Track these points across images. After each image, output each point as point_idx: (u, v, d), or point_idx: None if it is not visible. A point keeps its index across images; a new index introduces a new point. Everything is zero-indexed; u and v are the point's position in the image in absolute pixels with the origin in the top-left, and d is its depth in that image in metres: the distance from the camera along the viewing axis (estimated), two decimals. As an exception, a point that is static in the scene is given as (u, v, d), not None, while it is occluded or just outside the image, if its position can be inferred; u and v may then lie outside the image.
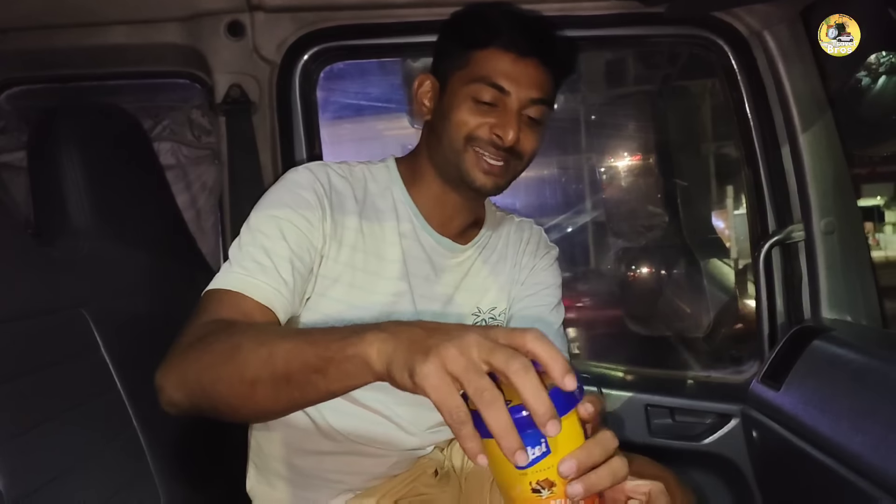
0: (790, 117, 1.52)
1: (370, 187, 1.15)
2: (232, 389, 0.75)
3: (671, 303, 2.30)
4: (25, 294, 0.97)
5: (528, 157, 1.13)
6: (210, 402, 0.79)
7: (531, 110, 1.09)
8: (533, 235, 1.32)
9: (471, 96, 1.08)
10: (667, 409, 1.65)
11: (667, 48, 2.06)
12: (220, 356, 0.76)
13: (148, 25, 1.61)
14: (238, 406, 0.76)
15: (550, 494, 0.59)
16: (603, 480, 0.60)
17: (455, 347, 0.58)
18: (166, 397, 0.84)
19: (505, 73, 1.07)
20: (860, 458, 1.08)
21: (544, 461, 0.59)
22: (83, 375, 1.01)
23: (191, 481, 1.16)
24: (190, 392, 0.81)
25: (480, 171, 1.09)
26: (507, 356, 0.58)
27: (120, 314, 1.12)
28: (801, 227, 1.56)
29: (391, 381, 0.63)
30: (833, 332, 1.41)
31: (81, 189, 1.24)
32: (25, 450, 0.84)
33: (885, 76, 1.54)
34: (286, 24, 1.61)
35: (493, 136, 1.07)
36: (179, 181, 1.74)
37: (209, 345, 0.79)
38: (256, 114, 1.63)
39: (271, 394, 0.72)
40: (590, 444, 0.61)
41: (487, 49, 1.08)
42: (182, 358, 0.82)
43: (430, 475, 1.20)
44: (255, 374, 0.72)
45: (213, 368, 0.77)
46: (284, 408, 0.75)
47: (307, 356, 0.68)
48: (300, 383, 0.69)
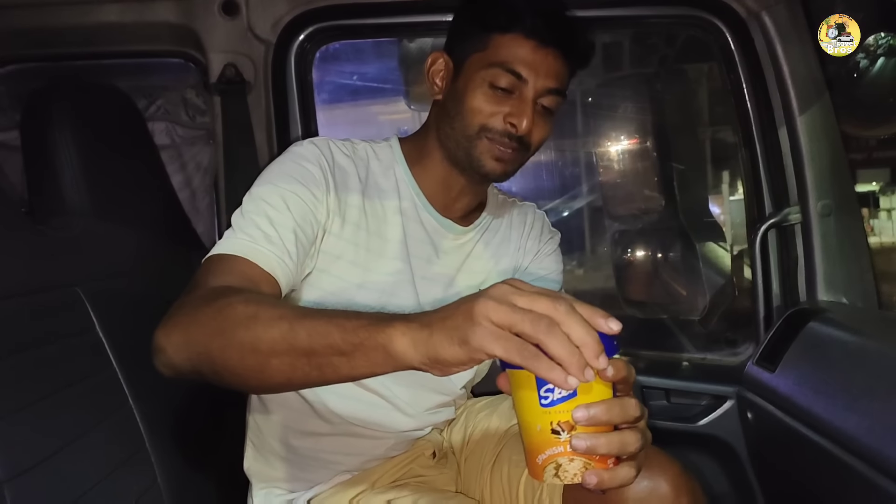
0: (788, 99, 1.51)
1: (373, 166, 1.14)
2: (243, 359, 0.73)
3: (667, 285, 2.30)
4: (20, 272, 0.96)
5: (536, 146, 1.12)
6: (214, 369, 0.76)
7: (546, 100, 1.08)
8: (536, 220, 1.32)
9: (487, 81, 1.06)
10: (662, 390, 1.65)
11: (664, 29, 2.05)
12: (235, 323, 0.74)
13: (142, 4, 1.59)
14: (246, 376, 0.74)
15: (567, 438, 0.61)
16: (609, 446, 0.61)
17: (490, 299, 0.60)
18: (165, 359, 0.80)
19: (524, 60, 1.05)
20: (855, 439, 1.08)
21: (568, 402, 0.61)
22: (78, 354, 1.00)
23: (187, 461, 1.16)
24: (194, 356, 0.78)
25: (492, 157, 1.08)
26: (550, 300, 0.59)
27: (115, 293, 1.11)
28: (797, 210, 1.56)
29: (435, 365, 0.63)
30: (828, 314, 1.42)
31: (75, 168, 1.23)
32: (20, 428, 0.84)
33: (883, 58, 1.53)
34: (281, 2, 1.59)
35: (507, 125, 1.06)
36: (174, 161, 1.73)
37: (221, 310, 0.76)
38: (251, 94, 1.62)
39: (286, 369, 0.71)
40: (611, 402, 0.62)
41: (508, 34, 1.06)
42: (190, 320, 0.79)
43: (428, 457, 1.20)
44: (272, 346, 0.70)
45: (225, 335, 0.74)
46: (296, 384, 0.73)
47: (333, 338, 0.67)
48: (320, 364, 0.69)
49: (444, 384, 1.19)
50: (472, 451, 1.23)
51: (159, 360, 0.81)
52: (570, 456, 0.62)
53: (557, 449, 0.61)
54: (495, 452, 1.18)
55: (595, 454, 0.62)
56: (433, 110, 1.17)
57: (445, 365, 0.63)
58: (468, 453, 1.23)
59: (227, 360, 0.74)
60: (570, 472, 0.62)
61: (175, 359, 0.80)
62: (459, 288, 1.18)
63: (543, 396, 0.61)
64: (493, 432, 1.22)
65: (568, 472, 0.62)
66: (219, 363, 0.75)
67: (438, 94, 1.14)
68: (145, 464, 1.05)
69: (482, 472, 1.18)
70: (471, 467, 1.21)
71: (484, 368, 1.24)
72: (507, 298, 0.60)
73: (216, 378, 0.77)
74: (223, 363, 0.75)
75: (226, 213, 1.65)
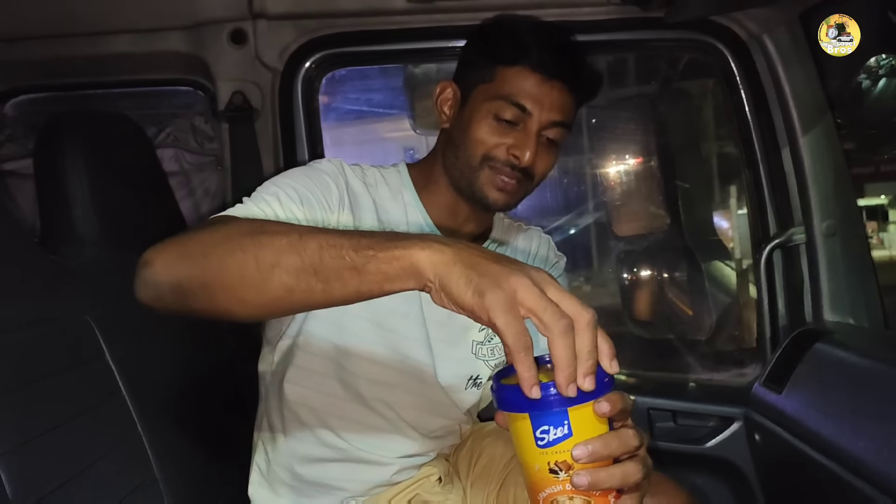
0: (790, 120, 1.53)
1: (381, 191, 1.15)
2: (244, 269, 0.68)
3: (673, 305, 2.30)
4: (30, 302, 0.98)
5: (540, 177, 1.12)
6: (205, 284, 0.71)
7: (551, 132, 1.09)
8: (542, 244, 1.32)
9: (492, 113, 1.07)
10: (669, 412, 1.65)
11: (666, 52, 2.07)
12: (240, 233, 0.70)
13: (151, 34, 1.63)
14: (243, 291, 0.69)
15: (566, 477, 0.61)
16: (612, 479, 0.61)
17: (528, 277, 0.59)
18: (150, 274, 0.75)
19: (530, 93, 1.06)
20: (863, 461, 1.08)
21: (564, 443, 0.60)
22: (88, 382, 1.01)
23: (195, 486, 1.17)
24: (185, 271, 0.72)
25: (494, 188, 1.09)
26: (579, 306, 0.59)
27: (124, 321, 1.12)
28: (802, 230, 1.56)
29: (440, 293, 0.61)
30: (835, 334, 1.42)
31: (86, 196, 1.24)
32: (31, 458, 0.84)
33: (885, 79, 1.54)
34: (288, 31, 1.62)
35: (510, 156, 1.07)
36: (183, 187, 1.75)
37: (225, 224, 0.73)
38: (259, 120, 1.64)
39: (290, 282, 0.66)
40: (608, 436, 0.61)
41: (515, 67, 1.07)
42: (189, 237, 0.75)
43: (434, 482, 1.20)
44: (277, 257, 0.66)
45: (228, 243, 0.70)
46: (298, 302, 0.68)
47: (345, 249, 0.64)
48: (328, 277, 0.65)
49: (450, 408, 1.19)
50: (478, 476, 1.23)
51: (143, 275, 0.76)
52: (569, 494, 0.61)
53: (557, 488, 0.61)
54: (501, 477, 1.18)
55: (597, 489, 0.61)
56: (440, 138, 1.18)
57: (450, 299, 0.61)
58: (474, 478, 1.23)
59: (223, 272, 0.69)
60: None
61: (161, 272, 0.74)
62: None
63: (539, 438, 0.60)
64: (500, 457, 1.22)
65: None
66: (212, 277, 0.70)
67: (446, 122, 1.15)
68: (154, 491, 1.06)
69: (488, 497, 1.18)
70: (477, 492, 1.21)
71: (489, 394, 1.25)
72: (543, 285, 0.59)
73: (203, 297, 0.72)
74: (218, 276, 0.70)
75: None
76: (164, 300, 0.76)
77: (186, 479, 1.14)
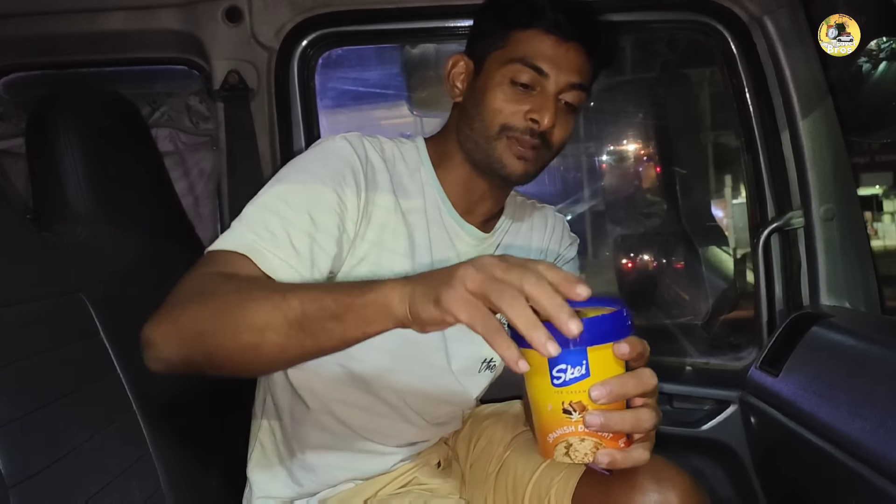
0: (790, 103, 1.52)
1: (399, 167, 1.11)
2: (237, 337, 0.72)
3: (670, 290, 2.30)
4: (24, 279, 0.97)
5: (558, 146, 1.09)
6: (207, 353, 0.75)
7: (569, 95, 1.05)
8: (557, 224, 1.29)
9: (508, 77, 1.04)
10: (665, 395, 1.65)
11: (666, 34, 2.05)
12: (227, 303, 0.74)
13: (145, 11, 1.60)
14: (241, 355, 0.73)
15: (579, 418, 0.60)
16: (624, 422, 0.61)
17: (472, 266, 0.61)
18: (155, 353, 0.78)
19: (546, 55, 1.03)
20: (859, 443, 1.08)
21: (581, 383, 0.60)
22: (82, 360, 1.01)
23: (191, 466, 1.17)
24: (185, 344, 0.76)
25: (513, 155, 1.05)
26: (521, 270, 0.59)
27: (118, 299, 1.11)
28: (800, 214, 1.56)
29: (415, 321, 0.64)
30: (832, 318, 1.42)
31: (80, 175, 1.23)
32: (25, 433, 0.84)
33: (885, 62, 1.53)
34: (284, 9, 1.60)
35: (528, 121, 1.03)
36: (177, 168, 1.74)
37: (212, 293, 0.76)
38: (254, 100, 1.63)
39: (281, 341, 0.70)
40: (626, 376, 0.61)
41: (529, 30, 1.04)
42: (180, 309, 0.78)
43: (433, 466, 1.20)
44: (266, 319, 0.70)
45: (218, 315, 0.74)
46: (293, 357, 0.73)
47: (325, 301, 0.68)
48: (314, 330, 0.69)
49: (459, 394, 1.16)
50: (476, 459, 1.22)
51: (149, 355, 0.79)
52: (581, 436, 0.61)
53: (569, 429, 0.61)
54: (501, 460, 1.17)
55: (609, 431, 0.61)
56: (453, 113, 1.14)
57: (422, 323, 0.63)
58: (473, 461, 1.23)
59: (220, 342, 0.73)
60: (581, 451, 0.62)
61: (166, 350, 0.78)
62: None
63: (556, 377, 0.60)
64: (499, 440, 1.21)
65: (579, 452, 0.62)
66: (212, 346, 0.74)
67: (459, 96, 1.11)
68: (149, 469, 1.05)
69: (487, 479, 1.18)
70: (475, 475, 1.21)
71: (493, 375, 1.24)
72: (487, 269, 0.60)
73: (209, 364, 0.76)
74: (217, 345, 0.74)
75: (229, 218, 1.65)
76: (177, 370, 0.80)
77: (181, 458, 1.13)
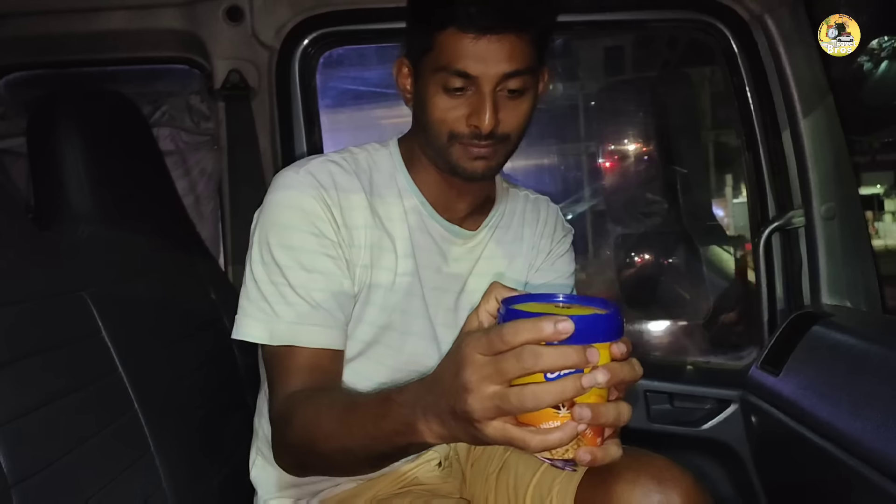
0: (791, 102, 1.52)
1: (374, 177, 1.08)
2: (332, 470, 1.01)
3: (671, 289, 2.30)
4: (25, 278, 0.97)
5: (517, 134, 1.03)
6: (324, 472, 1.05)
7: (509, 83, 0.98)
8: (550, 216, 1.26)
9: (440, 85, 0.98)
10: (666, 394, 1.65)
11: (667, 33, 2.06)
12: (316, 457, 0.90)
13: (146, 11, 1.61)
14: (346, 470, 0.99)
15: (567, 413, 0.60)
16: (608, 415, 0.61)
17: (475, 400, 0.61)
18: (289, 470, 0.99)
19: (467, 55, 0.95)
20: (859, 442, 1.08)
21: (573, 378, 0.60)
22: (84, 359, 1.01)
23: (193, 465, 1.17)
24: (304, 472, 1.02)
25: (469, 158, 1.01)
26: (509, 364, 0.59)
27: (120, 298, 1.11)
28: (801, 213, 1.56)
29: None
30: (833, 317, 1.42)
31: (81, 174, 1.23)
32: (27, 432, 0.84)
33: (886, 61, 1.53)
34: (285, 8, 1.60)
35: (471, 127, 0.99)
36: (178, 167, 1.74)
37: (303, 445, 0.89)
38: (255, 99, 1.63)
39: (363, 469, 0.97)
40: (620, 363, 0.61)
41: (447, 30, 0.96)
42: (288, 450, 0.95)
43: (434, 465, 1.19)
44: (343, 466, 0.91)
45: (313, 455, 0.89)
46: (383, 465, 0.88)
47: (380, 448, 0.78)
48: (376, 465, 0.88)
49: None
50: (477, 459, 1.22)
51: (281, 466, 0.99)
52: None
53: (553, 423, 0.61)
54: (501, 460, 1.17)
55: (596, 423, 0.61)
56: (413, 115, 1.10)
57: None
58: (473, 460, 1.22)
59: (327, 469, 1.00)
60: (561, 448, 0.62)
61: (295, 473, 1.01)
62: (471, 293, 1.14)
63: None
64: None
65: (559, 449, 0.62)
66: (323, 472, 1.03)
67: (410, 101, 1.08)
68: (151, 468, 1.05)
69: (487, 479, 1.17)
70: (476, 474, 1.20)
71: None
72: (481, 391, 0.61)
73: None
74: (326, 471, 1.03)
75: (230, 218, 1.66)
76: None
77: (183, 457, 1.13)
